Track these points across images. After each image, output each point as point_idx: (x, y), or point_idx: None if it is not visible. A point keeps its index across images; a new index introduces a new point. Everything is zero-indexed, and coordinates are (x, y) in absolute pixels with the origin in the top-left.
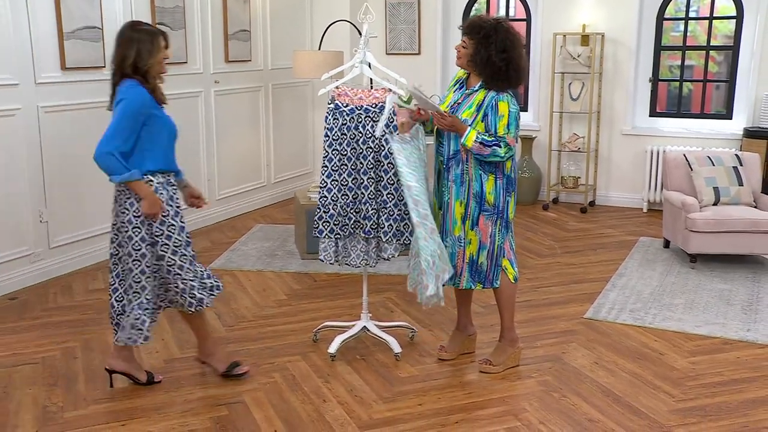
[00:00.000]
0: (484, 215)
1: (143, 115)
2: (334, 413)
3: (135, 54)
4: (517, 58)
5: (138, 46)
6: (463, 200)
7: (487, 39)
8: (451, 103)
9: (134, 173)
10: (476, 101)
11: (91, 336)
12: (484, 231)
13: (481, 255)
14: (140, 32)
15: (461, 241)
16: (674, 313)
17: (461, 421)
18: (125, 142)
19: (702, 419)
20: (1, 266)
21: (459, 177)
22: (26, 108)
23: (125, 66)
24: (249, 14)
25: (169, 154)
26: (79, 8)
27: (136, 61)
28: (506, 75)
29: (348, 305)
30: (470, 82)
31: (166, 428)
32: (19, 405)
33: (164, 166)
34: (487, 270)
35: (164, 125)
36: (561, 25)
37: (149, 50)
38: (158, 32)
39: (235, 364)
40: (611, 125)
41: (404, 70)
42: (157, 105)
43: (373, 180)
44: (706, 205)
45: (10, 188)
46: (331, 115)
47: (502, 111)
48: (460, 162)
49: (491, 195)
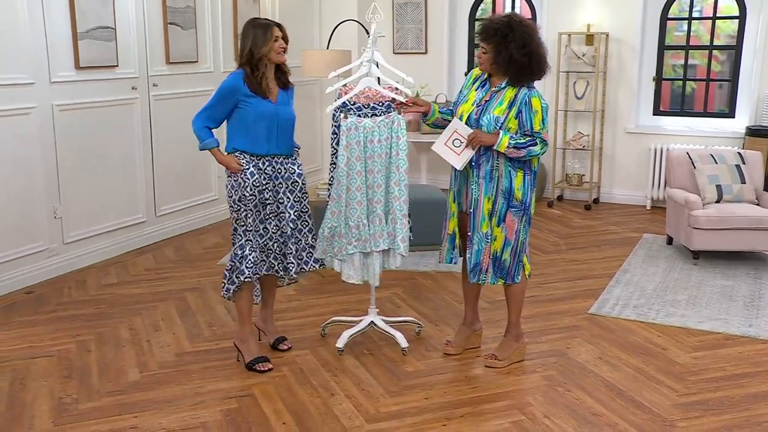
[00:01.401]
0: (512, 211)
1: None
2: (342, 406)
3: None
4: (536, 48)
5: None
6: (491, 197)
7: (504, 39)
8: (476, 101)
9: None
10: (507, 98)
11: (105, 330)
12: (511, 227)
13: (505, 251)
14: (255, 26)
15: (488, 237)
16: (677, 309)
17: (467, 415)
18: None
19: (704, 413)
20: (17, 261)
21: (489, 173)
22: (41, 106)
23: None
24: (259, 14)
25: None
26: (93, 9)
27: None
28: (530, 68)
29: (356, 301)
30: (494, 80)
31: (178, 420)
32: (36, 396)
33: (248, 147)
34: (510, 266)
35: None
36: (566, 24)
37: (263, 41)
38: (272, 23)
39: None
40: (615, 123)
41: (411, 69)
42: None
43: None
44: (708, 202)
45: (25, 185)
46: (338, 113)
47: (535, 107)
48: (491, 158)
49: (520, 191)
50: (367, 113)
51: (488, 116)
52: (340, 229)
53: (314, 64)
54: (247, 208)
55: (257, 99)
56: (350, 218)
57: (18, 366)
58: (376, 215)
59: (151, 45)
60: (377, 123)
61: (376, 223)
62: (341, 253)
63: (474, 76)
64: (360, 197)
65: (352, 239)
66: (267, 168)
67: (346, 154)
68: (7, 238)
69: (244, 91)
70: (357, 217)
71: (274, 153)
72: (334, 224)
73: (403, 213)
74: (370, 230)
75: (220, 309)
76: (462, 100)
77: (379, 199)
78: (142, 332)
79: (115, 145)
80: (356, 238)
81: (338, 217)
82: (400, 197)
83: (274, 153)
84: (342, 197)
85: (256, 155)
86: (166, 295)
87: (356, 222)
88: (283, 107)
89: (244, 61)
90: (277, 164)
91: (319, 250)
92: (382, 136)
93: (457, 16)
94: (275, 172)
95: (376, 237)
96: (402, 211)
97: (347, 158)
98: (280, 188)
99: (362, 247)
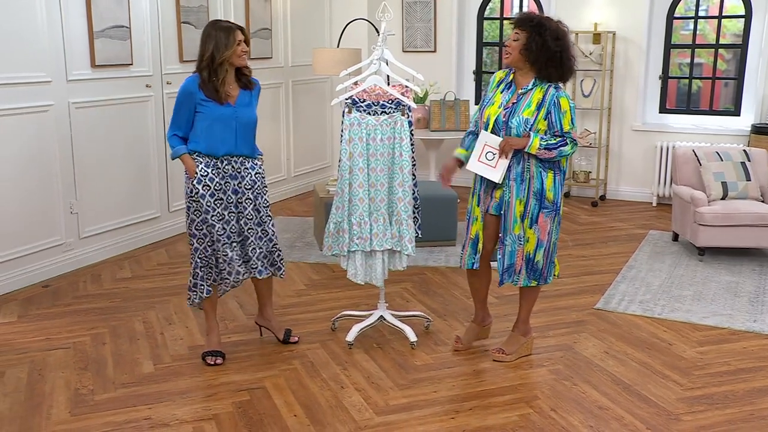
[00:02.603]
0: (544, 213)
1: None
2: (352, 399)
3: (213, 48)
4: (569, 47)
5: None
6: (522, 198)
7: (540, 26)
8: (503, 103)
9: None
10: (535, 100)
11: (119, 323)
12: (543, 228)
13: (538, 253)
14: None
15: (520, 239)
16: (683, 305)
17: (475, 408)
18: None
19: (709, 407)
20: (34, 255)
21: (520, 175)
22: (58, 104)
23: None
24: (270, 13)
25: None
26: (109, 8)
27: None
28: (560, 62)
29: (365, 295)
30: (520, 81)
31: (191, 412)
32: (53, 387)
33: (204, 149)
34: (543, 267)
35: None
36: (573, 23)
37: (225, 44)
38: (234, 27)
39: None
40: (622, 121)
41: (420, 68)
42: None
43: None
44: (714, 199)
45: (42, 181)
46: (347, 110)
47: (564, 107)
48: (522, 160)
49: (551, 192)
50: (376, 111)
51: (517, 118)
52: (344, 225)
53: (324, 62)
54: (211, 215)
55: (212, 103)
56: (353, 214)
57: (36, 357)
58: (380, 214)
59: (165, 43)
60: (380, 121)
61: (379, 221)
62: (344, 250)
63: (497, 79)
64: (362, 194)
65: (354, 236)
66: (226, 167)
67: (349, 148)
68: (25, 232)
69: (200, 96)
70: (359, 214)
71: (233, 153)
72: (339, 219)
73: (408, 214)
74: (372, 229)
75: (232, 303)
76: (488, 103)
77: (382, 198)
78: (155, 325)
79: (130, 141)
80: (357, 236)
81: (342, 212)
82: (404, 198)
83: (233, 153)
84: (345, 192)
85: (215, 156)
86: (178, 289)
87: (358, 219)
88: (243, 109)
89: (204, 66)
90: (237, 164)
91: (325, 245)
92: (384, 135)
93: (466, 14)
94: (235, 172)
95: (379, 236)
96: (407, 213)
97: (350, 153)
98: (239, 188)
99: (363, 246)
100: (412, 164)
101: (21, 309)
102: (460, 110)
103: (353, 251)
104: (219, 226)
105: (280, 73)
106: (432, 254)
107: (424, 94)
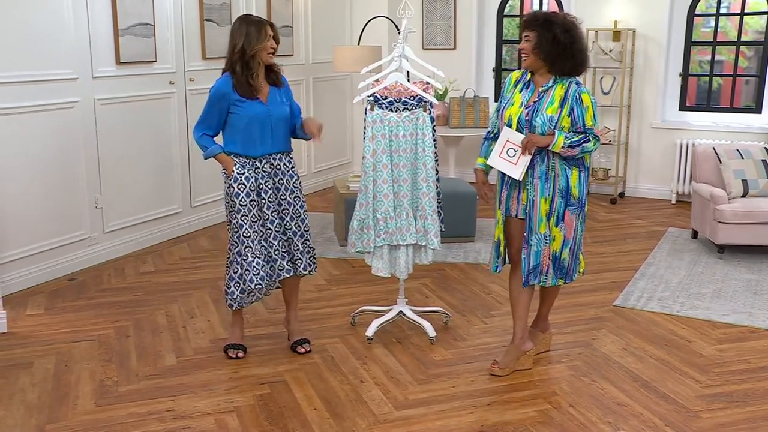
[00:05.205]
0: (570, 210)
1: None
2: (371, 393)
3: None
4: (579, 37)
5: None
6: (548, 197)
7: (548, 22)
8: (524, 102)
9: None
10: (557, 97)
11: (142, 316)
12: (569, 226)
13: (564, 251)
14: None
15: (546, 238)
16: (702, 302)
17: (493, 403)
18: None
19: (728, 405)
20: (60, 249)
21: (544, 173)
22: (84, 100)
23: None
24: (291, 10)
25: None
26: (133, 6)
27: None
28: (572, 53)
29: (385, 290)
30: (538, 80)
31: (213, 404)
32: (79, 378)
33: (241, 149)
34: (569, 265)
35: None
36: (593, 21)
37: (256, 38)
38: (266, 22)
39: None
40: (641, 119)
41: (440, 65)
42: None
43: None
44: (734, 197)
45: (68, 176)
46: (370, 107)
47: (586, 103)
48: (546, 158)
49: (576, 189)
50: (399, 107)
51: (541, 116)
52: (369, 221)
53: (345, 59)
54: (242, 214)
55: (247, 102)
56: (378, 210)
57: (62, 349)
58: (403, 209)
59: (188, 41)
60: (402, 118)
61: (403, 216)
62: (369, 246)
63: (514, 79)
64: (386, 190)
65: (380, 231)
66: (265, 166)
67: (372, 145)
68: (52, 227)
69: (234, 97)
70: (384, 209)
71: (270, 152)
72: (363, 216)
73: (432, 209)
74: (396, 223)
75: None
76: (507, 103)
77: (405, 193)
78: (178, 319)
79: (153, 137)
80: (384, 231)
81: (366, 209)
82: (429, 193)
83: (270, 152)
84: (369, 188)
85: (253, 157)
86: (200, 283)
87: (384, 215)
88: (276, 107)
89: (236, 59)
90: (276, 160)
91: (349, 243)
92: (407, 131)
93: (485, 12)
94: (274, 169)
95: (403, 230)
96: (432, 207)
97: (373, 150)
98: (281, 185)
99: (389, 240)
100: (435, 159)
101: (47, 301)
102: (479, 107)
103: (379, 246)
104: (246, 226)
105: (301, 70)
106: (451, 250)
107: (444, 91)
